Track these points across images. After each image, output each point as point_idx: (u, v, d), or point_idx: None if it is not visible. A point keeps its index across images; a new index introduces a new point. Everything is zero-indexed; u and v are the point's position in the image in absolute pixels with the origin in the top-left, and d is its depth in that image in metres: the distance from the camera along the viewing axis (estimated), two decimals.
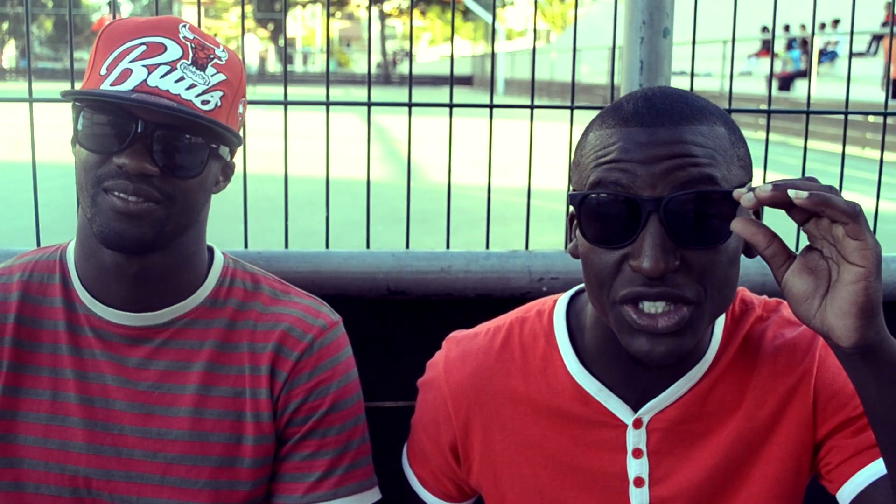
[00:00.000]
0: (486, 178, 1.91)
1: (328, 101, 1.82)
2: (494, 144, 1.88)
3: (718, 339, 1.16)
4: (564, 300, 1.24)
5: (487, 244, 1.86)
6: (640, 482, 1.16)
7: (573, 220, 1.12)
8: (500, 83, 36.07)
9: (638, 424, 1.15)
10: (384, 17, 59.92)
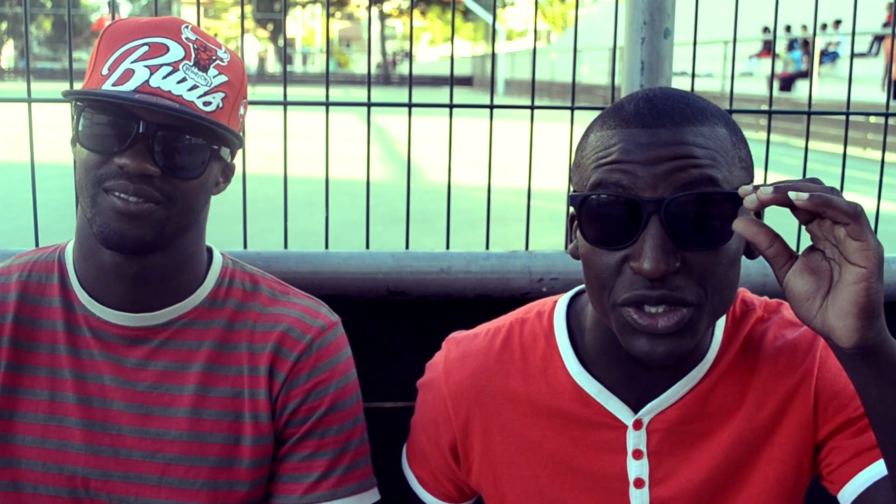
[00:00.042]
0: (486, 178, 1.90)
1: (328, 101, 1.82)
2: (494, 145, 1.88)
3: (719, 340, 1.16)
4: (564, 301, 1.23)
5: (487, 245, 1.85)
6: (640, 483, 1.16)
7: (574, 220, 1.12)
8: (500, 84, 36.07)
9: (638, 425, 1.15)
10: (384, 17, 59.93)
